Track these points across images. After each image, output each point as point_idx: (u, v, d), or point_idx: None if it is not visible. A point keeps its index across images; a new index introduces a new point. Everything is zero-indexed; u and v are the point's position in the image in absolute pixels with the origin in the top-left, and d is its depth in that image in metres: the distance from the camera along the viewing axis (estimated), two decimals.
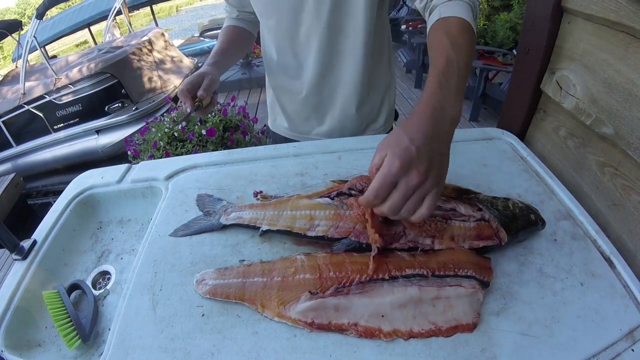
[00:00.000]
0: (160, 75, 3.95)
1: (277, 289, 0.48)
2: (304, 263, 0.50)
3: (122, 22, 5.16)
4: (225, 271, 0.52)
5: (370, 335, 0.44)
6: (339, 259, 0.50)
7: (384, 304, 0.45)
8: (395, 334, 0.44)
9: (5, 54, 16.19)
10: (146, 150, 1.89)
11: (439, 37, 0.55)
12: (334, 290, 0.47)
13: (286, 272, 0.50)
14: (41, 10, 3.43)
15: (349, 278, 0.47)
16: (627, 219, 0.60)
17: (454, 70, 0.49)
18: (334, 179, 0.66)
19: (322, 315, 0.46)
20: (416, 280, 0.47)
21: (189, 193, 0.68)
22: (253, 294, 0.49)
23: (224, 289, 0.50)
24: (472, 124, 3.12)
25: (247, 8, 0.85)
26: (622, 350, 0.42)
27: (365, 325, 0.45)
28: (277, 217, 0.57)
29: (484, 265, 0.49)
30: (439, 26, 0.58)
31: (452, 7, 0.58)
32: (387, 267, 0.48)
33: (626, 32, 0.57)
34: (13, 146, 3.72)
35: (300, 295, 0.47)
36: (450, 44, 0.52)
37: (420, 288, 0.46)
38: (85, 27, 5.83)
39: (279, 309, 0.47)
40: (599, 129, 0.64)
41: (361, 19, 0.73)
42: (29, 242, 0.63)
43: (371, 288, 0.47)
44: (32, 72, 3.90)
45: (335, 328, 0.45)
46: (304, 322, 0.45)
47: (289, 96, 0.91)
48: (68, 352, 0.51)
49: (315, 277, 0.48)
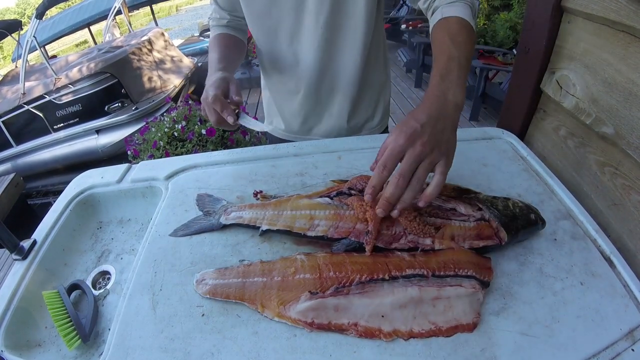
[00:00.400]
0: (160, 75, 3.95)
1: (277, 289, 0.48)
2: (304, 263, 0.50)
3: (122, 21, 5.16)
4: (225, 271, 0.52)
5: (370, 336, 0.44)
6: (339, 259, 0.50)
7: (384, 304, 0.45)
8: (396, 334, 0.44)
9: (5, 54, 16.18)
10: (146, 150, 1.89)
11: (441, 36, 0.59)
12: (334, 290, 0.47)
13: (286, 272, 0.50)
14: (41, 10, 3.43)
15: (349, 278, 0.47)
16: (627, 219, 0.60)
17: (454, 64, 0.52)
18: (333, 179, 0.66)
19: (322, 315, 0.46)
20: (416, 281, 0.47)
21: (189, 193, 0.68)
22: (253, 294, 0.49)
23: (224, 288, 0.50)
24: (472, 124, 3.12)
25: (239, 12, 0.82)
26: (622, 350, 0.42)
27: (365, 325, 0.45)
28: (277, 216, 0.57)
29: (484, 265, 0.49)
30: (441, 26, 0.61)
31: (453, 8, 0.62)
32: (388, 267, 0.48)
33: (626, 32, 0.57)
34: (13, 146, 3.72)
35: (300, 295, 0.47)
36: (451, 42, 0.56)
37: (421, 288, 0.46)
38: (85, 26, 5.82)
39: (278, 308, 0.47)
40: (599, 129, 0.64)
41: (361, 19, 0.73)
42: (29, 242, 0.63)
43: (371, 288, 0.47)
44: (32, 72, 3.89)
45: (335, 328, 0.45)
46: (304, 322, 0.45)
47: (286, 96, 0.90)
48: (68, 352, 0.51)
49: (315, 277, 0.48)
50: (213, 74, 0.68)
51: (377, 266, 0.48)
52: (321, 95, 0.86)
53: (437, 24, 0.62)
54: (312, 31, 0.75)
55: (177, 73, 4.17)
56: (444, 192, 0.57)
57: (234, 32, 0.86)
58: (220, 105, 0.62)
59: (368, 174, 0.60)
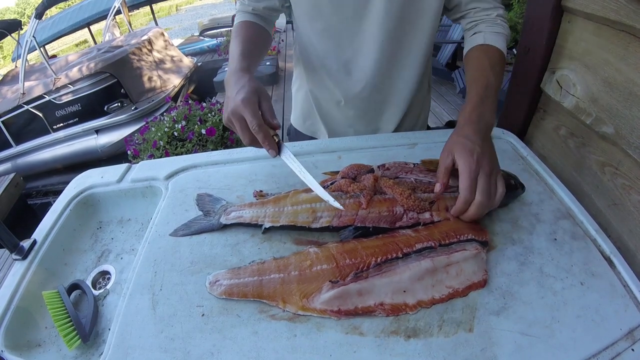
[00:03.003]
0: (159, 75, 3.95)
1: (297, 283, 0.49)
2: (319, 255, 0.51)
3: (122, 21, 5.16)
4: (238, 270, 0.52)
5: (397, 311, 0.46)
6: (351, 246, 0.52)
7: (404, 280, 0.48)
8: (420, 304, 0.47)
9: (5, 54, 16.18)
10: (146, 149, 1.89)
11: (482, 59, 0.67)
12: (354, 276, 0.48)
13: (302, 266, 0.50)
14: (40, 10, 3.43)
15: (366, 262, 0.49)
16: (627, 219, 0.60)
17: (491, 90, 0.61)
18: (325, 171, 0.67)
19: (347, 302, 0.47)
20: (427, 253, 0.50)
21: (189, 193, 0.68)
22: (272, 290, 0.49)
23: (240, 288, 0.50)
24: None
25: (263, 3, 0.76)
26: (622, 350, 0.42)
27: (391, 302, 0.47)
28: (279, 213, 0.57)
29: (479, 228, 0.54)
30: (482, 50, 0.68)
31: (495, 37, 0.68)
32: (398, 246, 0.51)
33: (626, 32, 0.57)
34: (13, 146, 3.72)
35: (322, 286, 0.48)
36: (490, 69, 0.64)
37: (432, 259, 0.49)
38: (85, 26, 5.83)
39: (302, 302, 0.47)
40: (599, 128, 0.64)
41: (426, 31, 0.72)
42: (29, 242, 0.63)
43: (388, 268, 0.49)
44: (32, 72, 3.90)
45: (362, 311, 0.46)
46: (331, 311, 0.46)
47: (329, 102, 0.86)
48: (68, 352, 0.51)
49: (332, 266, 0.49)
50: (239, 77, 0.61)
51: (388, 247, 0.51)
52: (370, 107, 0.84)
53: (478, 46, 0.69)
54: (372, 41, 0.72)
55: (177, 73, 4.18)
56: (431, 168, 0.64)
57: (259, 20, 0.78)
58: (263, 135, 0.57)
59: None
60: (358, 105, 0.83)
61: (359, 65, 0.76)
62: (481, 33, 0.69)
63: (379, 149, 0.75)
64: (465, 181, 0.51)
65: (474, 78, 0.64)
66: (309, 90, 0.89)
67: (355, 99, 0.82)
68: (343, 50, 0.75)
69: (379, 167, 0.66)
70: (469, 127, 0.56)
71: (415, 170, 0.64)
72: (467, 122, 0.57)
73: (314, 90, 0.88)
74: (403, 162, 0.66)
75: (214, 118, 1.94)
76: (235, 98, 0.58)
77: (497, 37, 0.68)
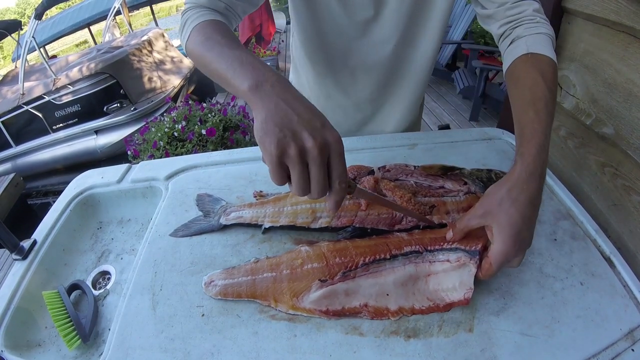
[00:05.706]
0: (159, 76, 3.95)
1: (288, 281, 0.49)
2: (310, 253, 0.51)
3: (122, 22, 5.15)
4: (233, 270, 0.52)
5: (380, 316, 0.46)
6: (342, 245, 0.52)
7: (388, 283, 0.47)
8: (401, 311, 0.46)
9: (5, 54, 16.17)
10: (146, 150, 1.89)
11: (533, 77, 0.51)
12: (342, 275, 0.48)
13: (294, 264, 0.50)
14: (40, 10, 3.43)
15: (354, 261, 0.49)
16: (627, 219, 0.60)
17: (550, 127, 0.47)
18: None
19: (334, 301, 0.47)
20: (413, 257, 0.49)
21: (189, 193, 0.68)
22: (264, 289, 0.49)
23: (234, 288, 0.50)
24: (472, 124, 3.12)
25: (236, 7, 0.60)
26: (622, 350, 0.42)
27: (375, 305, 0.46)
28: (278, 213, 0.57)
29: (473, 234, 0.48)
30: (529, 62, 0.53)
31: (539, 43, 0.54)
32: (388, 247, 0.50)
33: (626, 32, 0.57)
34: (12, 146, 3.72)
35: (311, 285, 0.48)
36: (549, 92, 0.49)
37: (416, 265, 0.49)
38: (85, 27, 5.82)
39: (292, 301, 0.48)
40: (599, 129, 0.64)
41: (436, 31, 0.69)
42: (29, 242, 0.63)
43: (375, 268, 0.48)
44: (32, 72, 3.89)
45: (349, 312, 0.46)
46: (319, 310, 0.46)
47: (335, 107, 0.84)
48: (68, 352, 0.51)
49: (322, 265, 0.49)
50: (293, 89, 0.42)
51: (378, 247, 0.50)
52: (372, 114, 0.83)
53: (522, 58, 0.54)
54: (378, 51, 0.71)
55: (177, 73, 4.17)
56: (430, 172, 0.62)
57: (226, 20, 0.58)
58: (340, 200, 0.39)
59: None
60: (365, 109, 0.83)
61: (366, 76, 0.76)
62: (522, 39, 0.55)
63: (379, 149, 0.75)
64: (496, 265, 0.43)
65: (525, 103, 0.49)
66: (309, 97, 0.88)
67: (363, 102, 0.81)
68: (352, 55, 0.74)
69: (379, 168, 0.65)
70: (525, 191, 0.42)
71: (415, 172, 0.64)
72: (527, 179, 0.43)
73: (321, 97, 0.85)
74: (403, 164, 0.66)
75: (214, 118, 1.94)
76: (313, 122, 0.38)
77: (543, 42, 0.54)
